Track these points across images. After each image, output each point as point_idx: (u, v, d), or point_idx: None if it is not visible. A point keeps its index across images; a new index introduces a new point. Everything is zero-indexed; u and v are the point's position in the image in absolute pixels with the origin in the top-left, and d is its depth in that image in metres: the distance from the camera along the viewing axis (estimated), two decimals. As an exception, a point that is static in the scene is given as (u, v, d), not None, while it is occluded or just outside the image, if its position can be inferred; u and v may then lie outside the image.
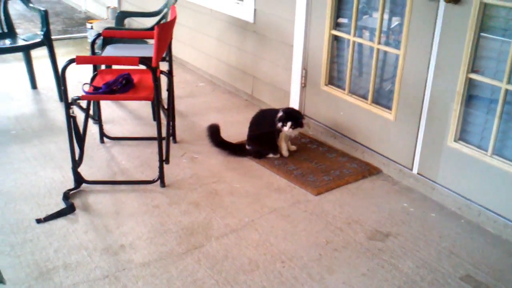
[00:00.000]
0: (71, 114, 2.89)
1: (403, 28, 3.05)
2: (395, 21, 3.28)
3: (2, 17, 4.35)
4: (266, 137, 3.46)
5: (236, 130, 3.63)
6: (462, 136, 2.90)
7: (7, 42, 4.35)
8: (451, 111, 2.87)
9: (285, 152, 3.49)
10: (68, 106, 2.85)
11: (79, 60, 2.82)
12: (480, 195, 2.83)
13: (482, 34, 2.69)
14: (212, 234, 2.65)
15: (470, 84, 2.79)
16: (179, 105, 4.24)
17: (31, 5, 4.40)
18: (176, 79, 4.61)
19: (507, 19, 2.64)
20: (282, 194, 3.06)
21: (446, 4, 2.76)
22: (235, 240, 2.62)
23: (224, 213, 2.84)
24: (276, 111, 3.46)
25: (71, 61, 2.79)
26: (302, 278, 2.36)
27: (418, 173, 3.15)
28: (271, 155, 3.47)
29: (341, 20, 3.57)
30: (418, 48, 3.00)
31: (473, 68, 2.76)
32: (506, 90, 2.61)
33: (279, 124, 3.36)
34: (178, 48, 5.17)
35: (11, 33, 4.45)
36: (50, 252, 2.47)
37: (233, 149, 3.53)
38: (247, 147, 3.51)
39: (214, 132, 3.54)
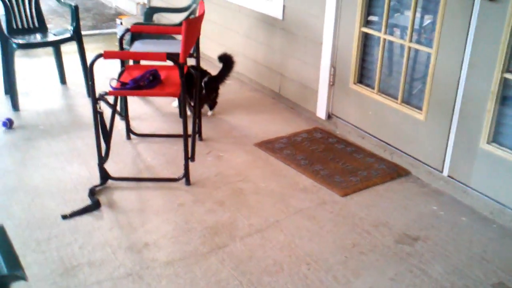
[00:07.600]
0: (98, 110, 2.89)
1: (435, 26, 2.97)
2: (428, 19, 3.19)
3: (34, 13, 4.39)
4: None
5: (261, 127, 3.58)
6: (496, 138, 2.81)
7: (38, 37, 4.38)
8: (484, 112, 2.78)
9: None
10: (95, 101, 2.86)
11: (106, 55, 2.82)
12: (514, 200, 2.74)
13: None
14: (236, 234, 2.62)
15: (505, 84, 2.70)
16: (206, 102, 4.22)
17: (62, 0, 4.43)
18: (203, 76, 4.59)
19: (546, 17, 2.53)
20: (308, 194, 3.01)
21: (482, 1, 2.67)
22: (260, 240, 2.58)
23: (248, 213, 2.81)
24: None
25: (99, 56, 2.79)
26: (327, 281, 2.31)
27: (448, 176, 3.06)
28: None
29: (371, 17, 3.50)
30: (451, 47, 2.91)
31: (508, 67, 2.66)
32: (544, 92, 2.52)
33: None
34: (205, 45, 5.14)
35: (42, 28, 4.49)
36: (75, 248, 2.48)
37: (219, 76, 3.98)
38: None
39: (228, 59, 3.96)
